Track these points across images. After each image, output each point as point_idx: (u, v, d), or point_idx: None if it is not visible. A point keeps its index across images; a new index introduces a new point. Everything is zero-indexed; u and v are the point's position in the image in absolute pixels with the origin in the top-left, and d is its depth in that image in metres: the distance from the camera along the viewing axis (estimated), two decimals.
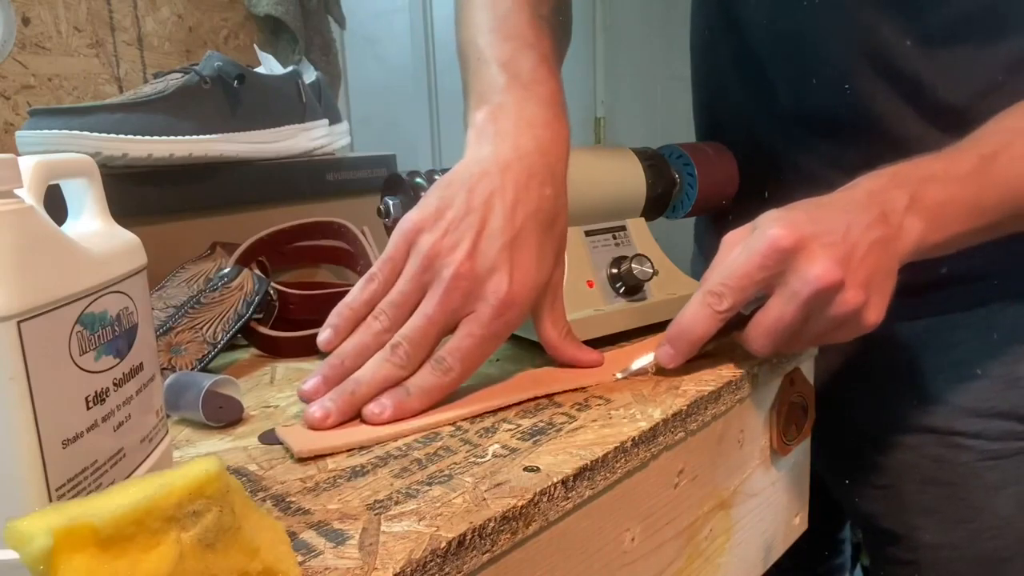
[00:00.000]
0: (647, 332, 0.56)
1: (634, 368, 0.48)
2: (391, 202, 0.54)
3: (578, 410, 0.43)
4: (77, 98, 0.95)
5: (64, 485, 0.26)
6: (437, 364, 0.43)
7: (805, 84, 0.62)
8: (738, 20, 0.66)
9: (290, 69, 0.82)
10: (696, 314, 0.45)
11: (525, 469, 0.35)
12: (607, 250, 0.57)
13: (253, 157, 0.74)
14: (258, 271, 0.61)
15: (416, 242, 0.45)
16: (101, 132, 0.62)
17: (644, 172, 0.60)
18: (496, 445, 0.38)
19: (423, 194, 0.48)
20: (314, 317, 0.53)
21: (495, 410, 0.43)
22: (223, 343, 0.53)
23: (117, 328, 0.29)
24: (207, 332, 0.53)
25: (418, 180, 0.54)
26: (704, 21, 0.73)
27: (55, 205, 0.29)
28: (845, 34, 0.59)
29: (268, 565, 0.26)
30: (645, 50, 2.06)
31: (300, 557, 0.28)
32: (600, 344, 0.52)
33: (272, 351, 0.57)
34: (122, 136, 0.63)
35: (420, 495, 0.33)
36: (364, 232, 0.67)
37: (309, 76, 0.85)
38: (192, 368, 0.51)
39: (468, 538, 0.30)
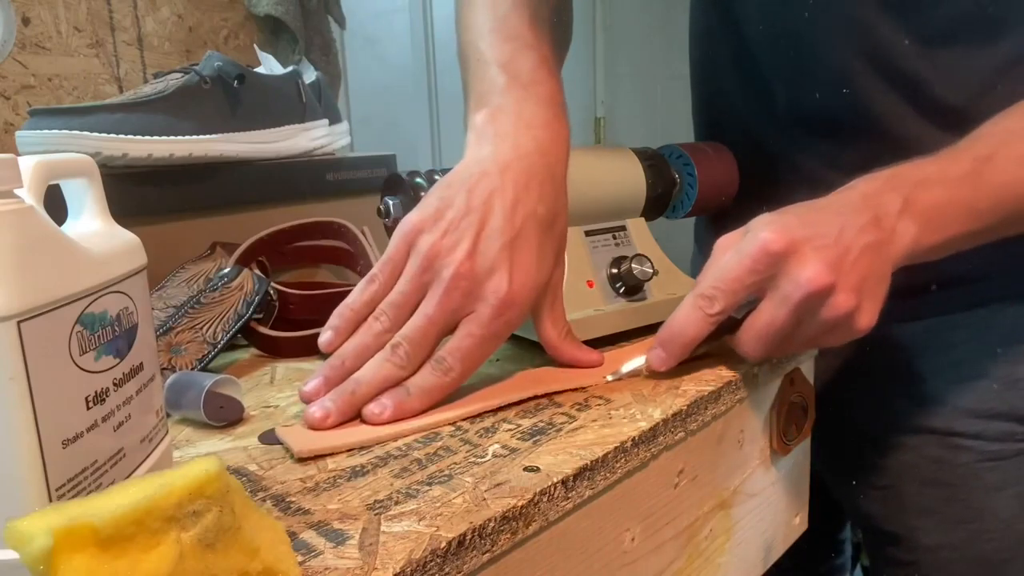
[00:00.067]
0: (647, 332, 0.56)
1: (625, 371, 0.48)
2: (391, 202, 0.54)
3: (578, 410, 0.43)
4: (77, 98, 0.95)
5: (64, 485, 0.26)
6: (437, 364, 0.43)
7: (804, 84, 0.62)
8: (737, 20, 0.66)
9: (290, 69, 0.82)
10: (687, 317, 0.45)
11: (525, 469, 0.35)
12: (607, 250, 0.57)
13: (253, 157, 0.75)
14: (258, 271, 0.61)
15: (416, 243, 0.45)
16: (101, 132, 0.62)
17: (644, 172, 0.60)
18: (496, 445, 0.38)
19: (423, 194, 0.48)
20: (314, 317, 0.53)
21: (495, 410, 0.43)
22: (223, 343, 0.53)
23: (117, 328, 0.29)
24: (207, 332, 0.53)
25: (418, 180, 0.54)
26: (703, 21, 0.73)
27: (55, 205, 0.29)
28: (844, 34, 0.59)
29: (268, 565, 0.26)
30: (645, 50, 2.06)
31: (300, 557, 0.28)
32: (600, 344, 0.52)
33: (272, 351, 0.57)
34: (122, 136, 0.63)
35: (420, 495, 0.33)
36: (364, 232, 0.67)
37: (309, 76, 0.85)
38: (192, 368, 0.51)
39: (468, 538, 0.30)
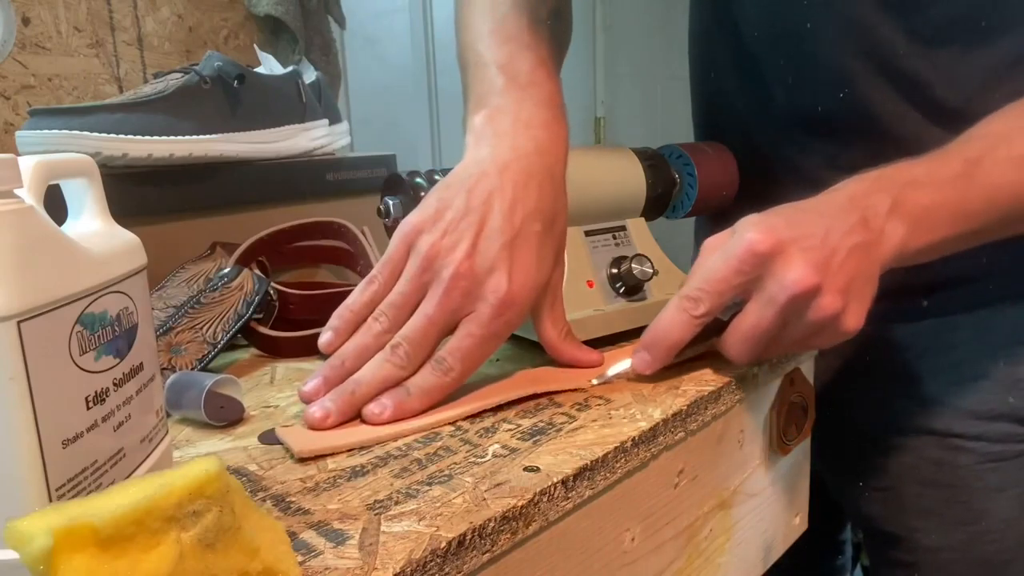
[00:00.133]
0: None
1: (610, 374, 0.47)
2: (391, 202, 0.54)
3: (578, 410, 0.43)
4: (77, 98, 0.95)
5: (64, 485, 0.26)
6: (437, 364, 0.43)
7: (803, 84, 0.62)
8: (736, 20, 0.66)
9: (290, 69, 0.82)
10: (672, 319, 0.44)
11: (525, 469, 0.35)
12: (607, 250, 0.57)
13: (253, 157, 0.75)
14: (258, 271, 0.61)
15: (416, 243, 0.45)
16: (101, 132, 0.62)
17: (644, 172, 0.60)
18: (496, 445, 0.38)
19: (423, 194, 0.48)
20: (314, 317, 0.53)
21: (495, 410, 0.43)
22: (223, 343, 0.53)
23: (117, 328, 0.29)
24: (207, 332, 0.53)
25: (418, 180, 0.54)
26: (702, 21, 0.73)
27: (55, 205, 0.29)
28: (843, 34, 0.59)
29: (268, 565, 0.26)
30: (645, 50, 2.06)
31: (300, 557, 0.28)
32: (600, 344, 0.52)
33: (272, 351, 0.57)
34: (122, 136, 0.63)
35: (420, 495, 0.33)
36: (364, 232, 0.67)
37: (309, 76, 0.85)
38: (192, 368, 0.51)
39: (468, 538, 0.30)
